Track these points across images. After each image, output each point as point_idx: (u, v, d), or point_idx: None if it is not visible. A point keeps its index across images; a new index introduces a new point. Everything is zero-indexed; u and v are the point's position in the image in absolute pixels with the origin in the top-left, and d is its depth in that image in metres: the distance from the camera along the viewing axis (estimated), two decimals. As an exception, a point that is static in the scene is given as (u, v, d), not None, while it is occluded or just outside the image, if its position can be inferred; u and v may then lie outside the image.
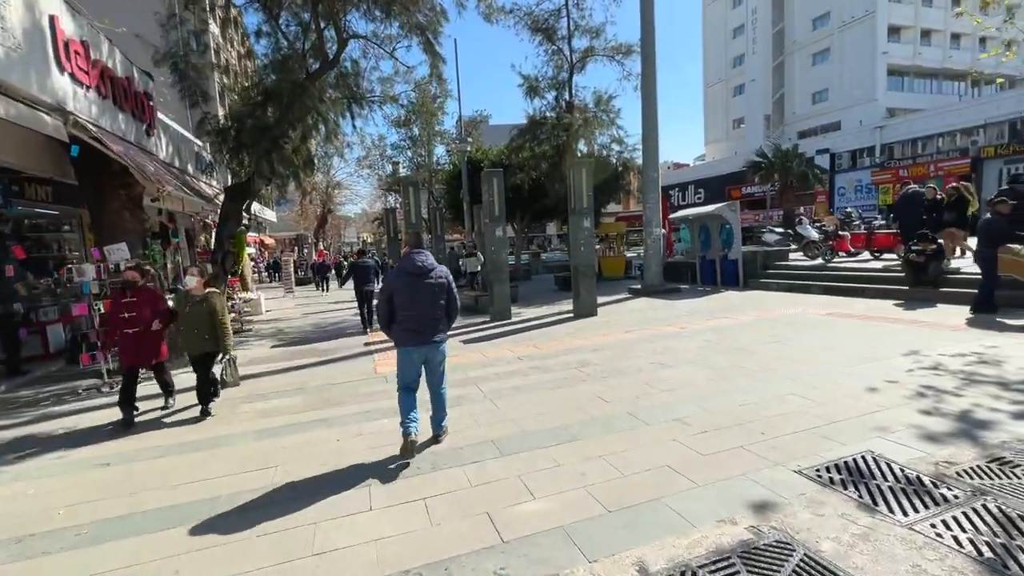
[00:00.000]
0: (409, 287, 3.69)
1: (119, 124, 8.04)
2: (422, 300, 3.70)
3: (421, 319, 3.71)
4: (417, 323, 3.71)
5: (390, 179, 32.66)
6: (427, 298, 3.71)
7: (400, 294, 3.71)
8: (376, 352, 7.77)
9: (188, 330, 5.09)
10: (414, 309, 3.69)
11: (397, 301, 3.72)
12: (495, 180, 10.02)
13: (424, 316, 3.72)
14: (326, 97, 11.22)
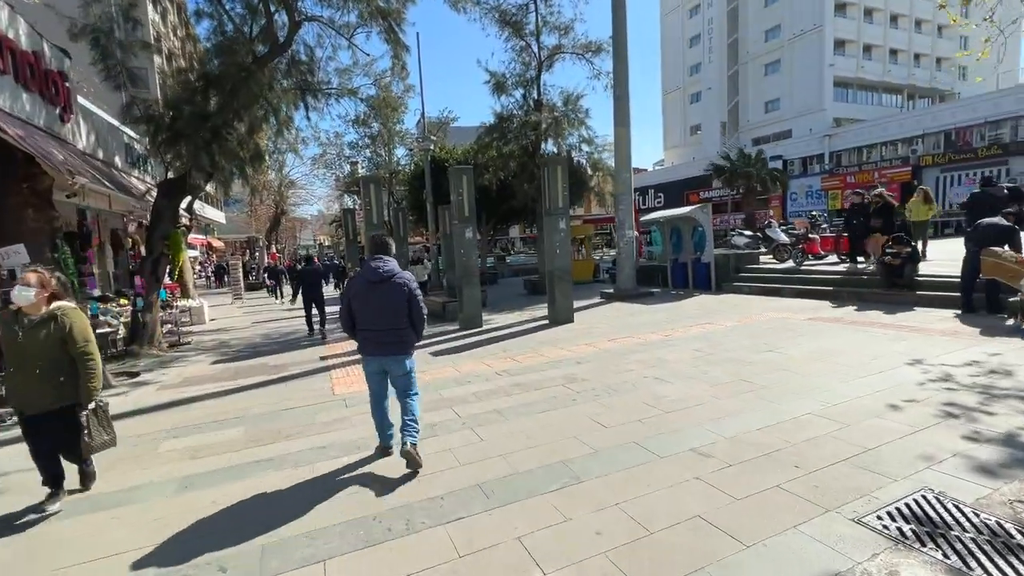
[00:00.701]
0: (368, 295, 3.50)
1: (22, 105, 6.84)
2: (382, 309, 3.49)
3: (381, 329, 3.50)
4: (377, 333, 3.51)
5: (348, 179, 31.29)
6: (387, 307, 3.49)
7: (359, 302, 3.54)
8: (334, 368, 6.90)
9: (23, 371, 3.14)
10: (373, 318, 3.50)
11: (355, 308, 3.56)
12: (464, 178, 9.33)
13: (384, 326, 3.50)
14: (276, 85, 10.21)
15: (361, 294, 3.52)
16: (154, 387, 6.43)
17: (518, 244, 51.96)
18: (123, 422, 5.03)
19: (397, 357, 3.57)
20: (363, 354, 3.62)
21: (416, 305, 3.57)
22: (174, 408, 5.41)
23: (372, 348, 3.54)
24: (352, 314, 3.58)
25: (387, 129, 15.60)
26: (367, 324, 3.52)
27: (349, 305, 3.59)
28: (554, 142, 15.70)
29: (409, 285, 3.55)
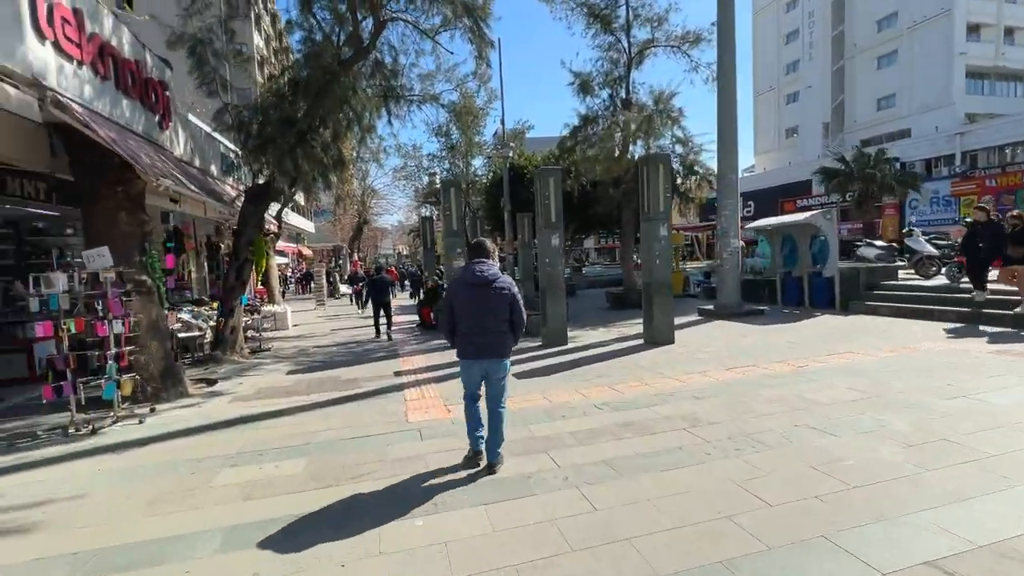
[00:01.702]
0: (469, 298, 3.55)
1: (122, 111, 6.93)
2: (483, 312, 3.53)
3: (482, 332, 3.54)
4: (477, 336, 3.55)
5: (426, 190, 31.81)
6: (488, 310, 3.52)
7: (460, 305, 3.59)
8: (407, 386, 6.24)
9: None
10: (474, 321, 3.54)
11: (457, 312, 3.60)
12: (552, 180, 8.46)
13: (485, 329, 3.53)
14: (360, 90, 10.02)
15: (462, 297, 3.58)
16: (227, 399, 6.11)
17: (592, 255, 50.47)
18: (189, 439, 4.62)
19: (497, 360, 3.58)
20: (462, 357, 3.65)
21: (517, 309, 3.58)
22: (240, 426, 4.95)
23: (472, 351, 3.56)
24: (453, 318, 3.62)
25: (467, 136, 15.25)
26: (467, 327, 3.55)
27: (451, 308, 3.63)
28: (644, 143, 14.45)
29: (511, 289, 3.56)
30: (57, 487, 3.66)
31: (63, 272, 5.12)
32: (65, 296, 5.05)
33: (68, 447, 4.54)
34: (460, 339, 3.62)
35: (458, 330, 3.62)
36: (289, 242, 28.80)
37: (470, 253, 3.82)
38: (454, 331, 3.66)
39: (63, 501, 3.44)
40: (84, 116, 5.59)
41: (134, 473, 3.86)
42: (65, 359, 5.02)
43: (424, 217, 18.86)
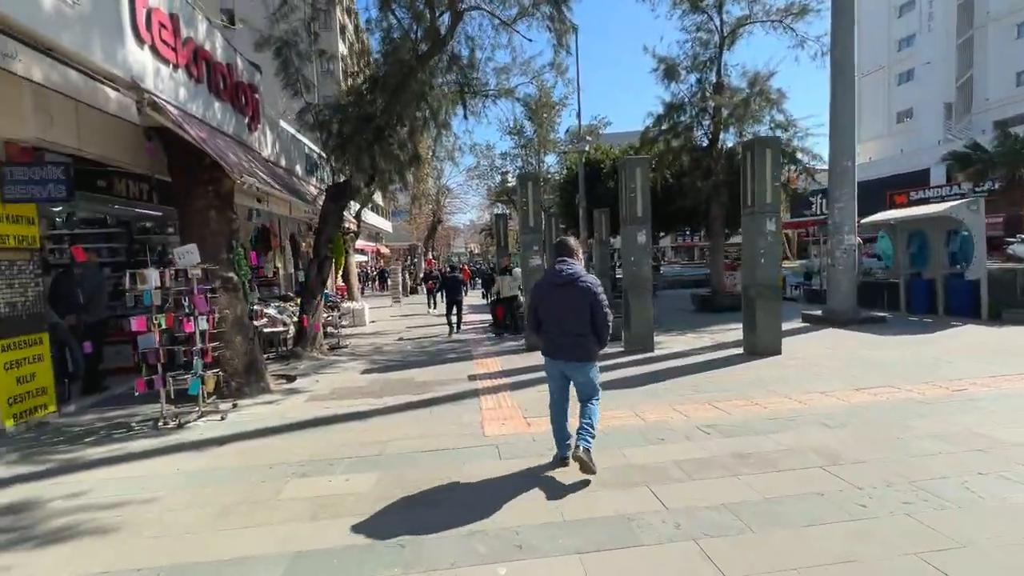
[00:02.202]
0: (552, 298, 3.50)
1: (214, 113, 7.15)
2: (565, 313, 3.44)
3: (562, 333, 3.47)
4: (559, 337, 3.49)
5: (498, 189, 31.76)
6: (569, 311, 3.43)
7: (543, 305, 3.56)
8: (483, 392, 5.84)
9: None
10: (556, 322, 3.49)
11: (540, 312, 3.59)
12: (639, 171, 7.71)
13: (565, 330, 3.45)
14: (436, 86, 9.85)
15: (545, 297, 3.54)
16: (304, 397, 6.06)
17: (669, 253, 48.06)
18: (264, 441, 4.51)
19: (578, 365, 3.48)
20: (545, 355, 3.61)
21: (600, 311, 3.40)
22: (313, 430, 4.78)
23: (554, 351, 3.51)
24: (538, 317, 3.59)
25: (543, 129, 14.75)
26: (550, 327, 3.52)
27: (535, 307, 3.60)
28: (736, 130, 13.15)
29: (593, 289, 3.41)
30: (137, 486, 3.61)
31: (155, 269, 5.24)
32: (157, 292, 5.17)
33: (154, 441, 4.59)
34: (543, 338, 3.60)
35: (543, 329, 3.59)
36: (368, 241, 29.97)
37: (555, 252, 3.67)
38: (538, 330, 3.63)
39: (139, 504, 3.35)
40: (178, 117, 5.73)
41: (208, 477, 3.74)
42: (156, 353, 5.13)
43: (498, 214, 18.59)
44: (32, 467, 4.09)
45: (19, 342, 5.09)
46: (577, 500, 3.10)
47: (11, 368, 4.99)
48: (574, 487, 3.28)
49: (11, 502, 3.44)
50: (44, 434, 4.97)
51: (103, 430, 5.03)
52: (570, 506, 3.03)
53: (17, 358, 5.05)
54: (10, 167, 4.99)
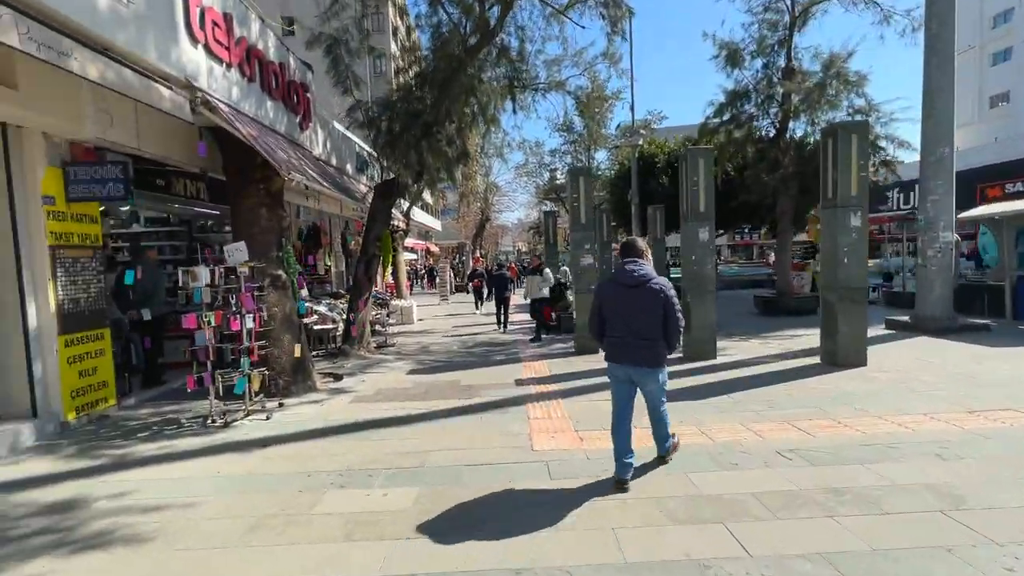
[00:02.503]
0: (619, 300, 3.34)
1: (266, 112, 7.19)
2: (634, 316, 3.28)
3: (630, 336, 3.30)
4: (627, 341, 3.32)
5: (547, 187, 31.34)
6: (640, 313, 3.27)
7: (609, 306, 3.40)
8: (531, 400, 5.49)
9: None
10: (624, 325, 3.32)
11: (606, 313, 3.42)
12: (702, 162, 7.09)
13: (633, 333, 3.29)
14: (485, 79, 9.59)
15: (612, 298, 3.39)
16: (348, 398, 5.94)
17: (725, 252, 45.81)
18: (306, 445, 4.37)
19: (648, 370, 3.35)
20: (610, 360, 3.45)
21: (672, 314, 3.28)
22: (356, 434, 4.61)
23: (620, 356, 3.37)
24: (601, 320, 3.45)
25: (595, 122, 14.21)
26: (616, 331, 3.37)
27: (599, 309, 3.45)
28: (808, 118, 12.08)
29: (666, 291, 3.28)
30: (178, 489, 3.53)
31: (206, 266, 5.25)
32: (207, 290, 5.18)
33: (200, 440, 4.56)
34: (607, 342, 3.43)
35: (607, 332, 3.41)
36: (418, 239, 30.36)
37: (622, 252, 3.53)
38: (602, 334, 3.47)
39: (178, 508, 3.25)
40: (229, 115, 5.74)
41: (247, 483, 3.61)
42: (206, 350, 5.14)
43: (547, 212, 18.21)
44: (85, 462, 4.13)
45: (82, 337, 5.24)
46: (640, 536, 2.69)
47: (74, 362, 5.14)
48: (637, 518, 2.87)
49: (60, 500, 3.44)
50: (103, 428, 5.09)
51: (155, 425, 5.09)
52: (632, 544, 2.62)
53: (79, 353, 5.21)
54: (73, 167, 5.14)
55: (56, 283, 4.98)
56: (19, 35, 3.45)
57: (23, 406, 4.85)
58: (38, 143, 4.89)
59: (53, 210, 4.99)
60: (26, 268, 4.80)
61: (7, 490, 3.65)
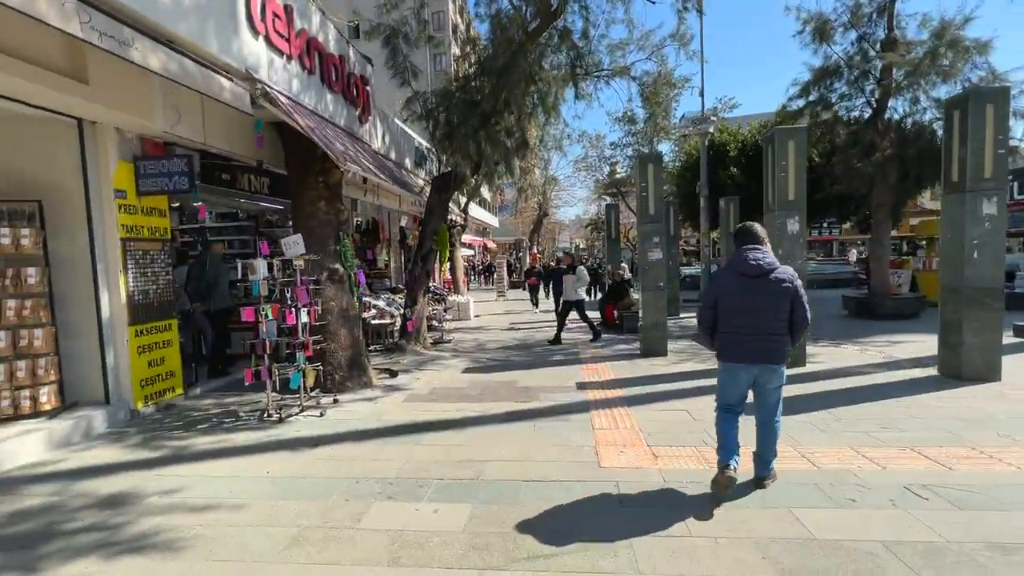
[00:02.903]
0: (740, 291, 3.04)
1: (326, 105, 7.15)
2: (756, 308, 2.99)
3: (753, 331, 3.01)
4: (746, 336, 3.03)
5: (606, 181, 30.36)
6: (763, 306, 2.98)
7: (727, 298, 3.09)
8: (594, 407, 5.00)
9: None
10: (744, 318, 3.03)
11: (722, 307, 3.12)
12: (793, 144, 6.26)
13: (757, 328, 3.00)
14: (545, 63, 9.15)
15: (730, 290, 3.11)
16: (402, 396, 5.73)
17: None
18: (356, 447, 4.16)
19: (773, 367, 3.05)
20: (723, 359, 3.19)
21: (800, 307, 3.01)
22: (409, 437, 4.34)
23: (737, 353, 3.10)
24: (715, 314, 3.17)
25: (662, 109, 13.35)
26: (734, 325, 3.09)
27: (714, 302, 3.18)
28: (910, 94, 10.63)
29: (793, 282, 3.00)
30: (227, 489, 3.39)
31: (264, 259, 5.20)
32: (265, 283, 5.12)
33: (254, 436, 4.48)
34: (724, 339, 3.14)
35: (721, 328, 3.14)
36: (476, 235, 30.45)
37: (739, 239, 3.18)
38: (715, 329, 3.19)
39: (224, 511, 3.10)
40: (288, 107, 5.68)
41: (294, 487, 3.42)
42: (263, 344, 5.10)
43: (609, 205, 17.45)
44: (146, 453, 4.14)
45: (151, 328, 5.36)
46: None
47: (143, 352, 5.26)
48: (731, 565, 2.35)
49: (115, 492, 3.41)
50: (168, 417, 5.17)
51: (215, 417, 5.10)
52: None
53: (148, 343, 5.33)
54: (143, 161, 5.24)
55: (127, 275, 5.10)
56: (81, 24, 3.42)
57: (97, 394, 5.01)
58: (111, 138, 5.01)
59: (124, 204, 5.11)
60: (99, 260, 4.94)
61: (73, 478, 3.68)
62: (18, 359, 4.51)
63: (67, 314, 4.88)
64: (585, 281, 9.35)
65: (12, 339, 4.50)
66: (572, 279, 9.22)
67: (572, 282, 9.19)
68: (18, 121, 4.69)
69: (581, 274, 9.26)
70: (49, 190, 4.82)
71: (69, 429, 4.49)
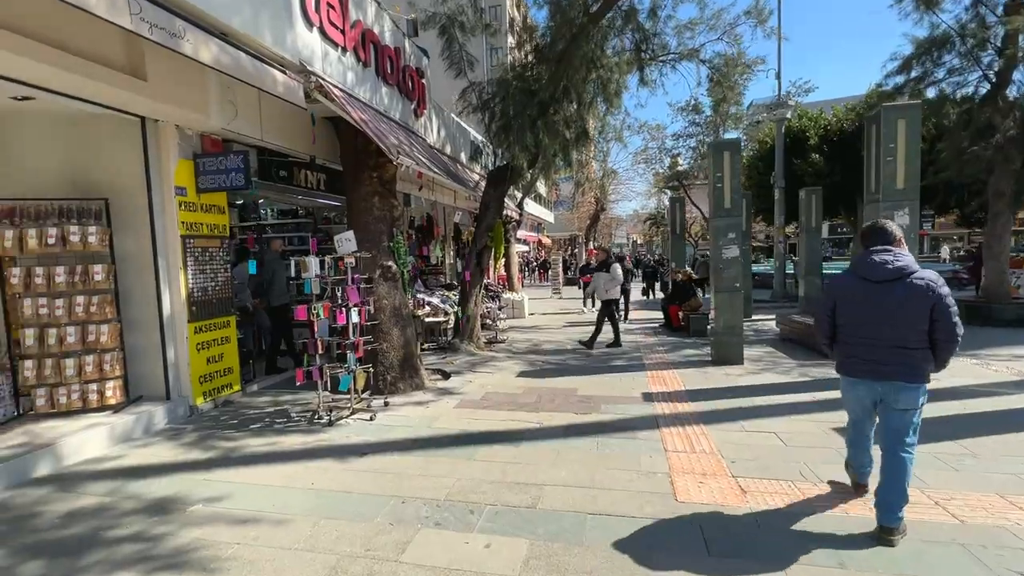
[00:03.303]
0: (862, 297, 2.62)
1: (381, 98, 6.99)
2: (881, 317, 2.56)
3: (875, 343, 2.59)
4: (867, 348, 2.63)
5: (667, 174, 29.00)
6: (891, 315, 2.53)
7: (847, 306, 2.71)
8: (664, 423, 4.47)
9: None
10: (866, 328, 2.63)
11: (841, 315, 2.74)
12: (904, 123, 5.34)
13: (882, 340, 2.57)
14: (607, 47, 8.57)
15: (853, 296, 2.67)
16: (454, 401, 5.45)
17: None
18: (405, 458, 3.89)
19: (903, 385, 2.55)
20: (844, 373, 2.80)
21: (948, 319, 2.43)
22: (460, 449, 4.03)
23: (855, 367, 2.70)
24: (834, 321, 2.79)
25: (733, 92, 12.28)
26: (857, 337, 2.68)
27: (833, 309, 2.78)
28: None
29: (935, 289, 2.46)
30: (270, 501, 3.21)
31: (316, 257, 5.07)
32: (316, 281, 4.99)
33: (303, 439, 4.33)
34: (842, 349, 2.81)
35: (840, 337, 2.80)
36: (531, 232, 30.07)
37: (866, 240, 2.73)
38: (833, 338, 2.85)
39: (265, 525, 2.90)
40: (342, 100, 5.52)
41: (338, 504, 3.18)
42: (314, 343, 4.97)
43: (673, 198, 16.49)
44: (198, 453, 4.09)
45: (209, 324, 5.39)
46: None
47: (202, 349, 5.29)
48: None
49: (163, 496, 3.32)
50: (224, 414, 5.17)
51: (268, 417, 5.04)
52: None
53: (207, 339, 5.35)
54: (202, 158, 5.25)
55: (186, 272, 5.13)
56: (131, 15, 3.31)
57: (158, 389, 5.07)
58: (172, 136, 5.04)
59: (184, 201, 5.14)
60: (161, 257, 4.99)
61: (128, 476, 3.66)
62: (86, 354, 4.63)
63: (131, 310, 4.97)
64: (619, 280, 8.50)
65: (81, 334, 4.61)
66: (606, 277, 8.39)
67: (605, 280, 8.37)
68: (87, 122, 4.79)
69: (615, 272, 8.38)
70: (114, 188, 4.91)
71: (131, 424, 4.54)
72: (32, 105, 4.43)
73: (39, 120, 4.84)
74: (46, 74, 3.82)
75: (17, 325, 4.56)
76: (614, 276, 8.34)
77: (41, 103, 4.34)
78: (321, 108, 5.97)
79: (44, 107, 4.50)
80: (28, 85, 3.89)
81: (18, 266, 4.50)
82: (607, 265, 8.51)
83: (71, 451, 4.02)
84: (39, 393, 4.52)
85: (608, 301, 8.41)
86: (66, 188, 4.81)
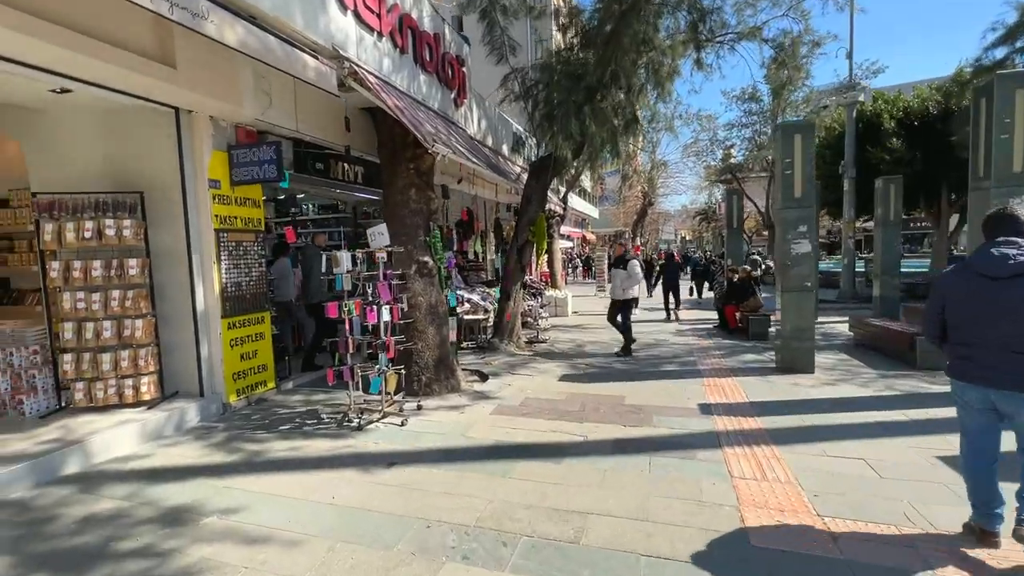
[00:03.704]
0: (980, 296, 2.32)
1: (419, 86, 6.70)
2: (1000, 317, 2.26)
3: (990, 347, 2.30)
4: (982, 352, 2.33)
5: (719, 166, 27.55)
6: (1013, 315, 2.22)
7: (957, 304, 2.42)
8: (726, 441, 3.91)
9: None
10: (981, 329, 2.33)
11: (951, 314, 2.44)
12: (1021, 96, 4.49)
13: (999, 343, 2.27)
14: (660, 27, 7.93)
15: (967, 294, 2.37)
16: (491, 407, 5.08)
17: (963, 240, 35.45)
18: (434, 471, 3.56)
19: (1019, 395, 2.22)
20: (955, 377, 2.48)
21: None
22: (494, 464, 3.64)
23: (967, 372, 2.41)
24: (943, 320, 2.49)
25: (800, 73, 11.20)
26: (966, 337, 2.39)
27: (940, 307, 2.50)
28: None
29: None
30: (287, 517, 2.95)
31: (347, 252, 4.83)
32: (348, 277, 4.74)
33: (330, 445, 4.09)
34: (953, 351, 2.50)
35: (954, 339, 2.48)
36: (574, 227, 29.37)
37: (989, 229, 2.41)
38: (943, 338, 2.56)
39: (275, 546, 2.63)
40: (377, 87, 5.25)
41: (357, 524, 2.87)
42: (345, 342, 4.73)
43: (730, 190, 15.48)
44: (222, 456, 3.92)
45: (243, 320, 5.27)
46: None
47: (236, 345, 5.17)
48: None
49: (179, 504, 3.13)
50: (256, 413, 5.03)
51: (298, 417, 4.85)
52: None
53: (241, 336, 5.24)
54: (236, 150, 5.11)
55: (220, 267, 5.01)
56: (150, -7, 3.14)
57: (192, 386, 4.99)
58: (206, 127, 4.92)
59: (218, 194, 5.02)
60: (195, 251, 4.89)
61: (148, 480, 3.52)
62: (122, 349, 4.58)
63: (165, 305, 4.89)
64: (638, 279, 7.55)
65: (117, 328, 4.57)
66: (623, 274, 7.44)
67: (622, 278, 7.44)
68: (122, 114, 4.73)
69: (633, 269, 7.41)
70: (149, 181, 4.84)
71: (163, 422, 4.45)
72: (70, 98, 4.41)
73: (77, 114, 4.82)
74: (79, 63, 3.71)
75: (57, 319, 4.58)
76: (631, 274, 7.41)
77: (78, 96, 4.29)
78: (357, 98, 5.74)
79: (82, 100, 4.46)
80: (60, 75, 3.80)
81: (58, 259, 4.50)
82: (624, 261, 7.55)
83: (101, 448, 3.94)
84: (77, 387, 4.51)
85: (625, 301, 7.47)
86: (103, 182, 4.77)
